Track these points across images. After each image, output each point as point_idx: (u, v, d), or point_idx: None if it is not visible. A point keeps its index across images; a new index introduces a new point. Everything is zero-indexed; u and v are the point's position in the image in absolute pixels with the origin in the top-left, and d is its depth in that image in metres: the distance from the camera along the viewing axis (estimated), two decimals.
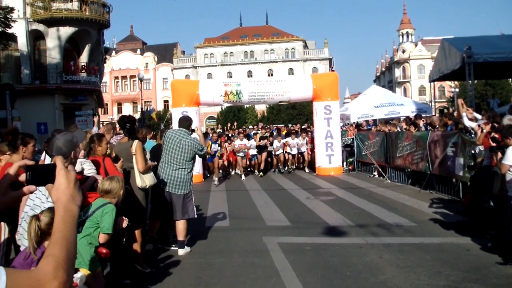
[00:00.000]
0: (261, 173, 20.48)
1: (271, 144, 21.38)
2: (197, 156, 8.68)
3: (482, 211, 9.40)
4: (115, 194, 5.29)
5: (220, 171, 20.36)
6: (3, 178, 1.65)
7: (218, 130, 26.90)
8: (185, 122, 8.71)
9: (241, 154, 20.16)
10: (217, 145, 19.29)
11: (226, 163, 21.38)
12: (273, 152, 21.47)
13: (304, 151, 21.39)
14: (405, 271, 6.85)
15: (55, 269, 1.37)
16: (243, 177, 19.78)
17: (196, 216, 8.61)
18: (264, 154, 21.10)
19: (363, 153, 19.47)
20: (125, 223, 5.38)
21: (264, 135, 22.04)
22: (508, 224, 7.39)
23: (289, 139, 21.29)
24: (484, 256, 7.49)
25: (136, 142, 7.47)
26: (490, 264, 7.03)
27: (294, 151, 21.20)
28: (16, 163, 1.67)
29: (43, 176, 1.62)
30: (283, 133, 23.30)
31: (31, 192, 1.68)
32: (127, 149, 7.47)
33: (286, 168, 21.73)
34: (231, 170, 22.16)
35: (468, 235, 8.64)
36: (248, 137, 21.17)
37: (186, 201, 8.30)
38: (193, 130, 8.72)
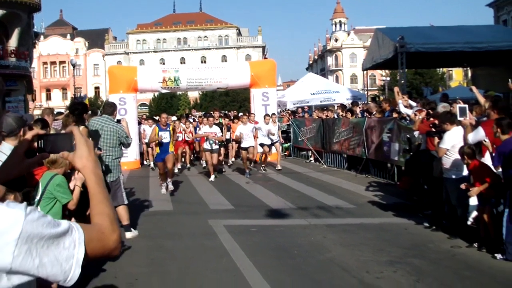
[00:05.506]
0: (215, 175, 14.88)
1: (228, 130, 17.85)
2: (133, 142, 8.46)
3: (417, 193, 9.88)
4: (61, 163, 5.21)
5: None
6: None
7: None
8: (109, 108, 8.57)
9: (208, 146, 14.71)
10: (168, 132, 12.62)
11: (179, 152, 16.95)
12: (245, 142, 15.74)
13: (277, 141, 17.38)
14: (349, 249, 7.18)
15: (111, 223, 1.49)
16: (212, 177, 14.65)
17: (126, 202, 8.28)
18: (222, 149, 16.95)
19: (299, 139, 19.85)
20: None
21: (218, 121, 17.88)
22: (443, 204, 7.85)
23: (260, 125, 16.64)
24: (421, 234, 7.94)
25: (81, 128, 7.39)
26: (427, 241, 7.48)
27: (268, 141, 16.56)
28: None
29: (55, 144, 1.68)
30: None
31: (43, 159, 1.75)
32: None
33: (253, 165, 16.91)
34: (183, 161, 18.08)
35: (405, 216, 9.09)
36: (218, 124, 16.53)
37: (114, 188, 7.98)
38: (118, 121, 8.56)
